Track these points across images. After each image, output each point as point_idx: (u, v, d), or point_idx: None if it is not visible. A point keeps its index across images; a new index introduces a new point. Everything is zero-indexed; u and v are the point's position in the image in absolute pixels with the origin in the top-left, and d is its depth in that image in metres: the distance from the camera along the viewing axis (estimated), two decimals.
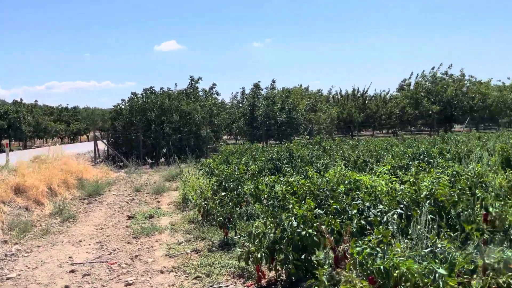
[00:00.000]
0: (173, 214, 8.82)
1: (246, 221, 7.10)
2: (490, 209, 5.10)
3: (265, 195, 7.23)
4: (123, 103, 21.48)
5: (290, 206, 5.12)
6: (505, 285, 3.31)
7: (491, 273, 3.35)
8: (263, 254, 4.32)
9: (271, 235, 4.54)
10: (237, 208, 6.93)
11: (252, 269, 4.92)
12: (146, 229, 7.42)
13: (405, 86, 36.11)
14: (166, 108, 20.54)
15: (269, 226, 4.66)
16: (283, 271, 4.48)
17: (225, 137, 32.54)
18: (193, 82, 26.27)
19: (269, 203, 6.49)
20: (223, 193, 7.18)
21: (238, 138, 32.68)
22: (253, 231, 4.73)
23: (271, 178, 7.75)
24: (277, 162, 11.96)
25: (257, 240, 4.60)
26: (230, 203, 6.61)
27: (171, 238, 6.93)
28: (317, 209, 5.08)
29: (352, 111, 32.80)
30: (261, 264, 4.35)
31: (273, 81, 29.88)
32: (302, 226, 4.48)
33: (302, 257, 4.37)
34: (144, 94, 21.58)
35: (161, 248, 6.41)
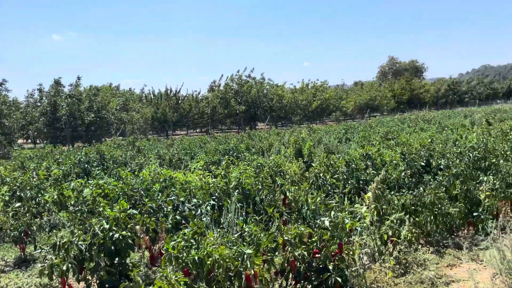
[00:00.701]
0: None
1: (49, 232, 6.29)
2: (288, 193, 5.84)
3: (72, 202, 6.53)
4: None
5: (101, 209, 4.76)
6: (300, 257, 3.82)
7: (289, 248, 3.82)
8: (70, 265, 3.88)
9: (80, 243, 4.12)
10: (37, 219, 6.07)
11: (58, 284, 4.37)
12: None
13: (215, 87, 38.18)
14: None
15: (77, 234, 4.22)
16: (94, 280, 4.13)
17: (20, 141, 28.06)
18: None
19: (77, 209, 5.89)
20: (17, 204, 6.16)
21: (38, 141, 28.65)
22: (58, 242, 4.20)
23: (78, 182, 7.05)
24: (86, 165, 11.01)
25: (62, 251, 4.10)
26: (27, 214, 5.72)
27: None
28: (131, 210, 4.86)
29: (166, 111, 32.83)
30: (68, 276, 3.90)
31: (78, 78, 27.20)
32: (115, 228, 4.21)
33: (116, 261, 4.11)
34: None
35: None
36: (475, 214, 5.60)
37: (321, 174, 7.29)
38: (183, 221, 5.06)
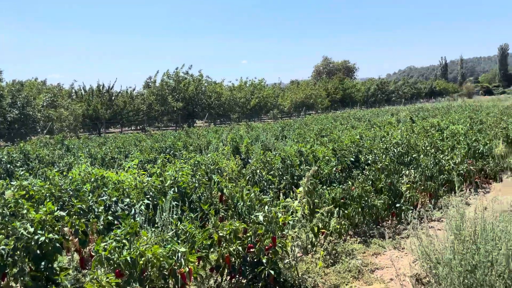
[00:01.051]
0: None
1: None
2: (224, 190, 5.88)
3: None
4: None
5: (25, 211, 4.47)
6: (235, 252, 3.88)
7: (224, 244, 3.87)
8: None
9: (2, 247, 3.85)
10: None
11: None
12: None
13: (151, 84, 37.15)
14: None
15: None
16: (19, 286, 3.88)
17: None
18: None
19: None
20: None
21: None
22: None
23: None
24: (9, 166, 10.26)
25: None
26: None
27: None
28: (58, 212, 4.62)
29: (98, 108, 31.34)
30: None
31: (0, 72, 25.19)
32: (40, 231, 3.98)
33: (42, 266, 3.90)
34: None
35: None
36: (397, 205, 6.04)
37: (258, 171, 7.43)
38: (115, 222, 4.91)
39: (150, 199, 5.27)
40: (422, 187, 6.82)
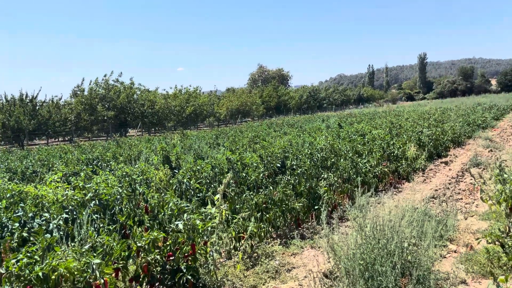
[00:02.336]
0: None
1: None
2: (150, 200, 5.90)
3: None
4: None
5: None
6: (153, 261, 3.97)
7: (142, 254, 3.94)
8: None
9: None
10: None
11: None
12: None
13: (79, 92, 35.53)
14: None
15: None
16: None
17: None
18: None
19: None
20: None
21: None
22: None
23: None
24: None
25: None
26: None
27: None
28: None
29: (21, 118, 29.34)
30: None
31: None
32: None
33: None
34: None
35: None
36: (316, 207, 6.45)
37: (185, 180, 7.51)
38: (31, 238, 4.75)
39: (69, 213, 5.16)
40: (340, 189, 7.31)
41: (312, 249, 5.48)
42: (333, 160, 9.01)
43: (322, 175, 7.62)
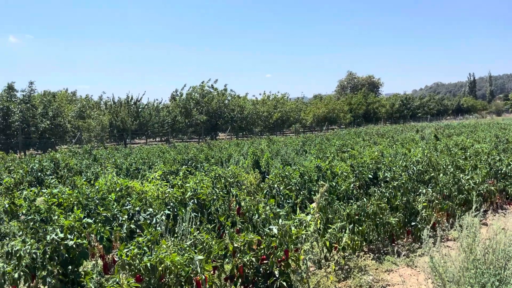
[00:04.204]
0: None
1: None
2: (242, 203, 6.07)
3: (24, 211, 6.45)
4: None
5: (56, 218, 4.80)
6: (248, 263, 4.06)
7: (238, 255, 4.06)
8: (22, 273, 3.91)
9: (33, 251, 4.16)
10: None
11: None
12: None
13: (176, 97, 38.06)
14: None
15: (29, 243, 4.25)
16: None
17: None
18: None
19: (29, 218, 5.84)
20: None
21: None
22: (10, 250, 4.21)
23: (31, 191, 6.96)
24: (40, 174, 10.77)
25: (14, 260, 4.12)
26: None
27: None
28: (85, 219, 4.93)
29: (126, 119, 32.32)
30: (19, 284, 3.92)
31: (31, 83, 26.13)
32: (69, 236, 4.27)
33: (69, 269, 4.17)
34: None
35: None
36: (413, 223, 6.09)
37: (275, 185, 7.60)
38: (138, 230, 5.17)
39: (171, 209, 5.52)
40: (439, 206, 6.82)
41: (408, 267, 5.18)
42: (431, 174, 8.44)
43: (420, 190, 7.17)
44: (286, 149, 16.79)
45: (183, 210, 5.25)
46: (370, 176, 8.60)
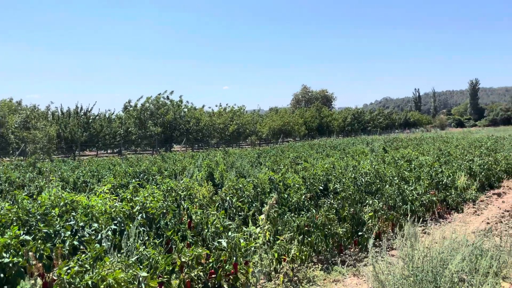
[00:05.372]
0: None
1: None
2: (193, 216, 6.01)
3: None
4: None
5: None
6: (196, 278, 4.01)
7: (186, 270, 4.00)
8: None
9: None
10: None
11: None
12: None
13: (130, 108, 37.14)
14: None
15: None
16: None
17: None
18: None
19: None
20: None
21: None
22: None
23: None
24: None
25: None
26: None
27: None
28: (24, 236, 4.66)
29: (75, 130, 31.06)
30: None
31: None
32: (5, 255, 4.02)
33: None
34: None
35: None
36: (360, 233, 6.29)
37: (228, 197, 7.59)
38: (81, 247, 4.96)
39: (118, 224, 5.35)
40: (385, 216, 7.09)
41: (354, 277, 5.32)
42: (378, 185, 8.78)
43: (367, 201, 7.44)
44: (241, 161, 16.84)
45: (131, 225, 5.10)
46: (321, 187, 8.80)
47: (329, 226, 5.92)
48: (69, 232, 5.13)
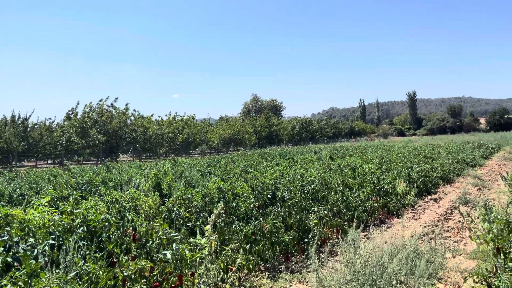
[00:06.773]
0: None
1: None
2: (138, 228, 5.84)
3: None
4: None
5: None
6: None
7: (128, 284, 3.88)
8: None
9: None
10: None
11: None
12: None
13: (72, 116, 35.50)
14: None
15: None
16: None
17: None
18: None
19: None
20: None
21: None
22: None
23: None
24: None
25: None
26: None
27: None
28: None
29: (11, 139, 29.14)
30: None
31: None
32: None
33: None
34: None
35: None
36: (305, 240, 6.42)
37: (175, 208, 7.46)
38: (16, 264, 4.65)
39: (56, 238, 5.08)
40: (330, 223, 7.31)
41: (300, 283, 5.42)
42: (323, 193, 9.04)
43: (313, 208, 7.62)
44: (190, 170, 16.64)
45: (70, 239, 4.86)
46: (269, 196, 8.91)
47: (276, 234, 6.00)
48: (1, 248, 4.80)
